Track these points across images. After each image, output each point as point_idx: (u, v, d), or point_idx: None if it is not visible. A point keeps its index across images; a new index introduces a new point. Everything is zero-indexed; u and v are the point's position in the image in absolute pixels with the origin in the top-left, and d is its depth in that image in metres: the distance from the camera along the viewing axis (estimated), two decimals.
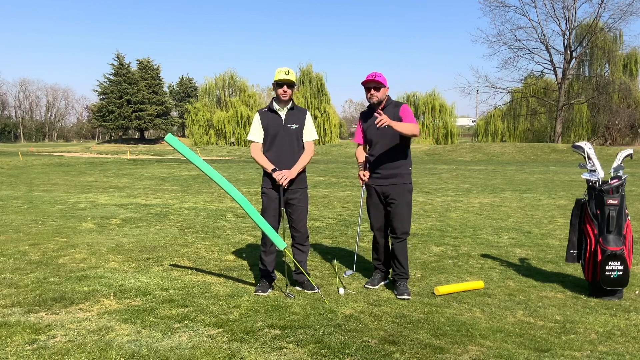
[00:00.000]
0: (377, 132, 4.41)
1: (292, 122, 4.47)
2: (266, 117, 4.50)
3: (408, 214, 4.51)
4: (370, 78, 4.38)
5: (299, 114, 4.55)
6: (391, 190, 4.47)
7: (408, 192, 4.51)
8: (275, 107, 4.48)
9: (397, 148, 4.45)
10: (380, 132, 4.37)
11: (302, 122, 4.53)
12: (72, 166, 23.62)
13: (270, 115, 4.50)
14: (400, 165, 4.47)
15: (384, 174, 4.48)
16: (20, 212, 9.22)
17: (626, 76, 46.59)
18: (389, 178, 4.46)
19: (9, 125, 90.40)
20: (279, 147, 4.46)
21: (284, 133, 4.45)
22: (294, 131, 4.48)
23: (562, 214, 9.14)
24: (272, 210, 4.51)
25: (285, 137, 4.44)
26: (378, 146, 4.49)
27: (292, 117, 4.50)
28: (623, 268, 4.25)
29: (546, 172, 20.24)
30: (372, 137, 4.53)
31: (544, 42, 45.96)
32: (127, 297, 4.29)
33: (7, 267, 5.24)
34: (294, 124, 4.48)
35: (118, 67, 63.24)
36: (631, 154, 4.64)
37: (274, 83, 4.45)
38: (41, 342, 3.32)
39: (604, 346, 3.34)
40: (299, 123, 4.51)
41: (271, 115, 4.49)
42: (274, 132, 4.45)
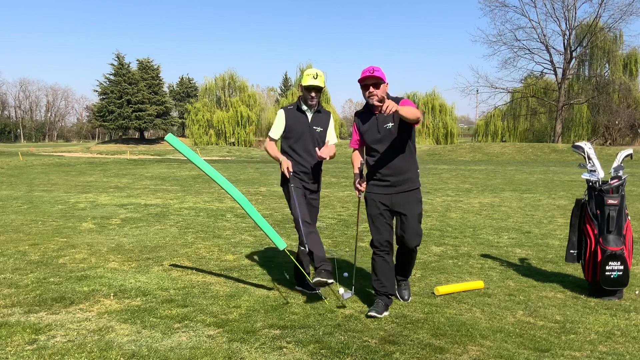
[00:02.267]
0: (378, 134, 3.88)
1: (317, 125, 4.40)
2: (292, 115, 4.40)
3: (420, 225, 4.03)
4: (368, 74, 3.80)
5: (325, 118, 4.47)
6: (401, 199, 3.90)
7: (419, 202, 3.99)
8: (303, 107, 4.39)
9: (404, 149, 3.90)
10: (382, 134, 3.86)
11: (326, 126, 4.46)
12: (72, 166, 23.62)
13: (297, 115, 4.40)
14: (408, 169, 3.93)
15: (391, 181, 3.89)
16: (20, 212, 9.22)
17: (626, 76, 46.59)
18: (397, 186, 3.89)
19: (9, 125, 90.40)
20: (303, 148, 4.37)
21: (310, 134, 4.36)
22: (318, 134, 4.40)
23: (562, 214, 9.14)
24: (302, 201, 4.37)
25: (310, 138, 4.36)
26: (381, 149, 3.90)
27: (318, 120, 4.42)
28: (623, 268, 4.25)
29: (546, 172, 20.24)
30: (372, 140, 3.95)
31: (544, 42, 45.98)
32: (127, 297, 4.29)
33: (7, 267, 5.24)
34: (320, 127, 4.41)
35: (118, 67, 63.22)
36: (631, 154, 4.64)
37: (302, 87, 4.31)
38: (41, 342, 3.32)
39: (604, 346, 3.34)
40: (324, 127, 4.44)
41: (298, 114, 4.40)
42: (300, 132, 4.36)
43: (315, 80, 4.25)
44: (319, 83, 4.27)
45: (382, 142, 3.88)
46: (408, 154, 3.92)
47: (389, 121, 3.83)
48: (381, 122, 3.87)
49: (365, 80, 3.81)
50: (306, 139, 4.36)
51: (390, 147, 3.86)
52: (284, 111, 4.43)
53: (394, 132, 3.82)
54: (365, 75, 3.79)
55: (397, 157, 3.87)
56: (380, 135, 3.87)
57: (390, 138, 3.85)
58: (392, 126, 3.82)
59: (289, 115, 4.40)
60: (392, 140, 3.85)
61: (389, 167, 3.88)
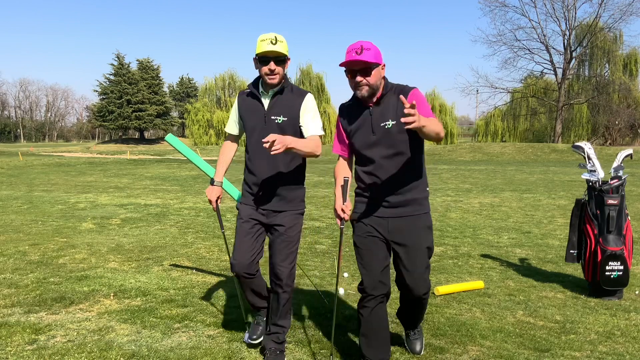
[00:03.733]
0: (372, 136, 2.75)
1: (279, 113, 2.94)
2: (245, 102, 3.07)
3: (427, 263, 2.83)
4: (354, 58, 2.61)
5: (292, 100, 2.96)
6: (403, 226, 2.78)
7: (427, 228, 2.83)
8: (258, 89, 3.01)
9: (408, 161, 2.76)
10: (379, 135, 2.74)
11: (295, 112, 2.95)
12: (72, 166, 23.62)
13: (250, 101, 3.04)
14: (413, 187, 2.78)
15: (391, 202, 2.78)
16: (20, 212, 9.22)
17: (626, 76, 46.59)
18: (398, 207, 2.77)
19: (9, 125, 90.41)
20: (255, 152, 3.01)
21: (265, 128, 2.94)
22: (279, 127, 2.92)
23: (562, 214, 9.14)
24: (246, 233, 3.04)
25: (265, 134, 2.87)
26: (377, 156, 2.76)
27: (281, 105, 2.95)
28: (623, 268, 4.25)
29: (546, 172, 20.24)
30: (364, 144, 2.79)
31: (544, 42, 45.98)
32: (127, 297, 4.29)
33: (7, 267, 5.23)
34: (282, 116, 2.93)
35: (118, 67, 63.25)
36: (631, 154, 4.64)
37: (256, 58, 2.93)
38: (41, 342, 3.32)
39: (604, 346, 3.34)
40: (291, 114, 2.95)
41: (250, 100, 3.04)
42: (251, 126, 3.01)
43: (274, 46, 2.83)
44: (280, 49, 2.85)
45: (378, 146, 2.73)
46: (414, 163, 2.76)
47: (389, 117, 2.70)
48: (377, 118, 2.72)
49: (350, 65, 2.65)
50: (259, 136, 2.95)
51: (389, 154, 2.72)
52: (238, 97, 3.14)
53: (395, 132, 2.69)
54: (350, 60, 2.61)
55: (399, 168, 2.73)
56: (375, 137, 2.73)
57: (390, 141, 2.71)
58: (392, 124, 2.68)
59: (242, 102, 3.09)
60: (393, 145, 2.71)
61: (388, 183, 2.75)
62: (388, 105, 2.73)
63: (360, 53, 2.59)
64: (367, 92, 2.68)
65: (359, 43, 2.62)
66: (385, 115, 2.72)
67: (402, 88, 2.75)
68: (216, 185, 3.15)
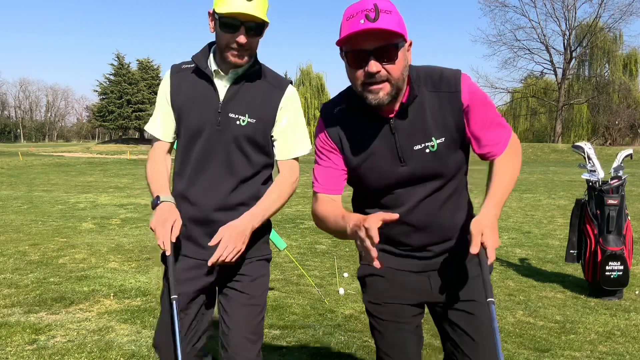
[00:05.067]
0: (399, 168, 1.64)
1: (241, 109, 1.84)
2: (183, 82, 1.91)
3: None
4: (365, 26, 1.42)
5: (265, 91, 1.88)
6: (455, 277, 1.74)
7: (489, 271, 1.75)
8: (208, 65, 1.87)
9: (457, 188, 1.77)
10: (412, 164, 1.64)
11: (268, 112, 1.87)
12: (72, 166, 23.63)
13: (193, 82, 1.89)
14: (465, 221, 1.76)
15: (434, 251, 1.73)
16: (20, 212, 9.22)
17: (626, 76, 46.61)
18: (444, 254, 1.74)
19: (9, 125, 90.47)
20: (196, 168, 1.87)
21: (216, 134, 1.84)
22: (241, 130, 1.83)
23: (562, 214, 9.13)
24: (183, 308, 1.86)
25: (219, 141, 1.84)
26: (411, 200, 1.68)
27: (245, 97, 1.86)
28: (623, 268, 4.25)
29: (546, 172, 20.25)
30: (384, 183, 1.68)
31: (544, 42, 46.02)
32: (127, 297, 4.29)
33: (7, 267, 5.23)
34: (246, 115, 1.84)
35: (118, 67, 63.26)
36: (631, 154, 4.64)
37: (217, 17, 1.76)
38: (41, 342, 3.32)
39: (604, 346, 3.34)
40: (261, 113, 1.86)
41: (196, 80, 1.88)
42: (193, 126, 1.86)
43: (249, 3, 1.73)
44: (257, 10, 1.74)
45: (412, 181, 1.66)
46: (463, 189, 1.80)
47: (429, 132, 1.61)
48: (407, 137, 1.62)
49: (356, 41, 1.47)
50: (208, 143, 1.85)
51: (431, 190, 1.68)
52: (170, 75, 1.94)
53: (442, 155, 1.64)
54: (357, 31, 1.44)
55: (444, 203, 1.71)
56: (407, 168, 1.64)
57: (433, 170, 1.65)
58: (438, 144, 1.62)
59: (177, 82, 1.92)
60: (437, 174, 1.67)
61: (428, 228, 1.71)
62: (423, 112, 1.57)
63: (375, 18, 1.40)
64: (387, 95, 1.49)
65: (369, 1, 1.43)
66: (422, 130, 1.58)
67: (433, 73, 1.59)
68: (168, 202, 1.79)
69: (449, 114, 1.58)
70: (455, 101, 1.57)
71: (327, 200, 1.68)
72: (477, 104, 1.59)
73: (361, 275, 1.82)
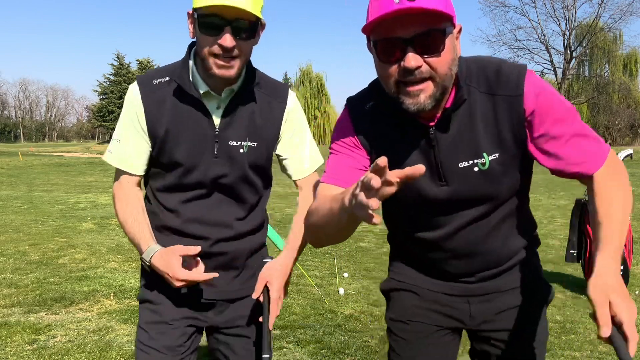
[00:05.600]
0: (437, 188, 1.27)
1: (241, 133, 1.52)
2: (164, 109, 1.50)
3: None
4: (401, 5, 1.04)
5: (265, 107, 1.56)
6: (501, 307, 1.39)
7: (544, 304, 1.42)
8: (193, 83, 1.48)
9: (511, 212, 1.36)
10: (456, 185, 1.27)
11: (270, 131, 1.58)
12: (72, 166, 23.64)
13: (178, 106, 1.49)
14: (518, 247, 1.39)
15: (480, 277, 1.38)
16: (20, 212, 9.22)
17: (626, 76, 46.65)
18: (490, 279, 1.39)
19: (9, 125, 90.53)
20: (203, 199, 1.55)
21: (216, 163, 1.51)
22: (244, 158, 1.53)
23: (562, 214, 9.13)
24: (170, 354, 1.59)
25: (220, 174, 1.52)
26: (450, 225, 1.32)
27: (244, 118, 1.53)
28: (623, 268, 4.26)
29: (546, 172, 20.13)
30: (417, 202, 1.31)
31: (544, 42, 46.03)
32: (127, 297, 4.29)
33: (7, 267, 5.24)
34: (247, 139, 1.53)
35: (118, 67, 63.33)
36: (631, 154, 4.65)
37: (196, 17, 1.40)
38: (41, 342, 3.32)
39: (604, 346, 3.34)
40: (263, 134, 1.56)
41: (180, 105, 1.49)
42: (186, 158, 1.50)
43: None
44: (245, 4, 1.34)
45: (452, 202, 1.30)
46: (520, 215, 1.40)
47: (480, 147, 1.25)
48: (450, 151, 1.26)
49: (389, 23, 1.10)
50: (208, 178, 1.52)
51: (476, 216, 1.32)
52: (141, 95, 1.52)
53: (495, 174, 1.27)
54: (391, 11, 1.06)
55: (493, 230, 1.34)
56: (448, 188, 1.28)
57: (480, 191, 1.29)
58: (491, 161, 1.25)
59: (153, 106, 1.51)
60: (485, 196, 1.30)
61: (473, 255, 1.36)
62: (472, 120, 1.23)
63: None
64: (430, 98, 1.15)
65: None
66: (470, 144, 1.24)
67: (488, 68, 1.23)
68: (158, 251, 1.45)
69: (506, 123, 1.21)
70: (515, 107, 1.19)
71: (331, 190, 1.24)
72: (548, 110, 1.18)
73: (386, 288, 1.51)
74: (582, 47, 46.14)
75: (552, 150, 1.22)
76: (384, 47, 1.13)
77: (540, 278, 1.44)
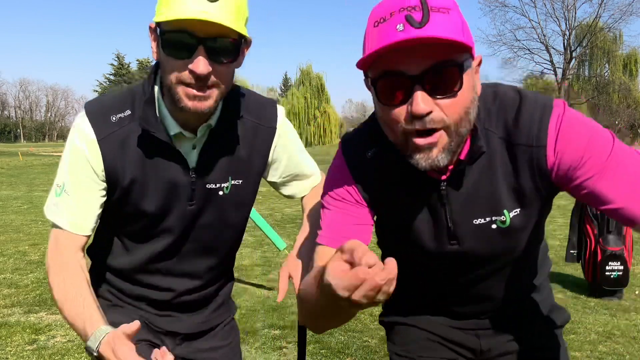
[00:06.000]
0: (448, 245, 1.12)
1: (222, 174, 1.27)
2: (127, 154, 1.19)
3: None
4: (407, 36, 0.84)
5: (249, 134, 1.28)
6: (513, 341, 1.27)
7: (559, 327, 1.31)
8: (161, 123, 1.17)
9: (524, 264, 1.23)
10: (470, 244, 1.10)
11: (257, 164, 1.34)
12: None
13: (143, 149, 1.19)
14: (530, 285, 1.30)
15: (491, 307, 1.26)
16: (20, 212, 9.23)
17: (626, 76, 46.67)
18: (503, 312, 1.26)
19: (9, 125, 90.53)
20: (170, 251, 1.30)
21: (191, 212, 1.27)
22: (225, 200, 1.29)
23: (562, 214, 9.13)
24: None
25: (195, 222, 1.28)
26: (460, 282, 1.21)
27: (223, 153, 1.25)
28: (623, 268, 4.26)
29: None
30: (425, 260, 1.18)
31: (544, 42, 46.05)
32: None
33: (7, 267, 5.24)
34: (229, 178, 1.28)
35: (118, 67, 63.38)
36: None
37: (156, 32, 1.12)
38: (41, 342, 3.32)
39: (604, 346, 3.34)
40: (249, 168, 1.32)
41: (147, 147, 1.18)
42: (158, 209, 1.24)
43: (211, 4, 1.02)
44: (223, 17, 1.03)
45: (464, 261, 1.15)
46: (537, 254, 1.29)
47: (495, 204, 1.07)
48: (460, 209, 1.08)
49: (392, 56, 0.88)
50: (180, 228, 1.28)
51: (489, 271, 1.18)
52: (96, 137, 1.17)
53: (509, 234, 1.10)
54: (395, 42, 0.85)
55: (508, 279, 1.21)
56: (459, 247, 1.12)
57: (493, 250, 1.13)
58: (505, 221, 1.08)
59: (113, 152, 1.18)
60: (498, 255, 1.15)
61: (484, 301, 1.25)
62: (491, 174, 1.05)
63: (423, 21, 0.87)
64: (444, 153, 0.96)
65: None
66: (489, 200, 1.07)
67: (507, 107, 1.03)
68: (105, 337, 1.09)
69: (528, 177, 1.03)
70: (538, 159, 1.00)
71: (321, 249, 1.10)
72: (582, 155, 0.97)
73: (388, 321, 1.36)
74: (582, 47, 46.17)
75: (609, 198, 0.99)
76: (385, 85, 0.92)
77: (553, 302, 1.34)
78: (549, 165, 1.00)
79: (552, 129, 0.98)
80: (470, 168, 1.03)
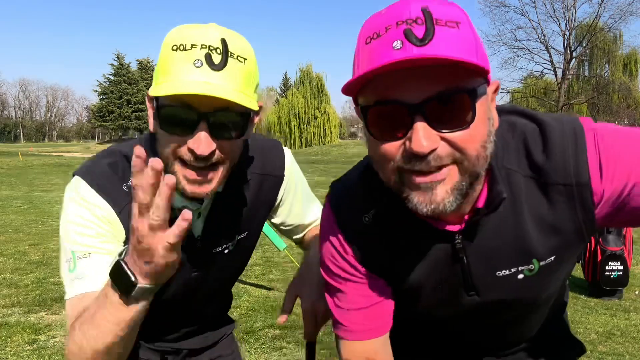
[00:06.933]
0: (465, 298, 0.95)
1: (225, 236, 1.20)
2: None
3: None
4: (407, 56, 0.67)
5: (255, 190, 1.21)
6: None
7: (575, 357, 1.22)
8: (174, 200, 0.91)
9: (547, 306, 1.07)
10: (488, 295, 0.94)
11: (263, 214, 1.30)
12: (72, 166, 23.64)
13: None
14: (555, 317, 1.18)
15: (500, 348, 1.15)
16: (20, 212, 9.22)
17: (626, 76, 46.71)
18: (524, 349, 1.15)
19: (9, 125, 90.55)
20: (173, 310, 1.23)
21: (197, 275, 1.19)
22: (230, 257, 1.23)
23: None
24: None
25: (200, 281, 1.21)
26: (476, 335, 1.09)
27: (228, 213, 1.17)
28: (623, 268, 4.26)
29: None
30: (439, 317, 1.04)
31: (544, 42, 46.05)
32: None
33: (7, 267, 5.23)
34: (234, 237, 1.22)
35: (118, 67, 63.38)
36: None
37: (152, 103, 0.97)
38: (41, 342, 3.32)
39: (604, 346, 3.34)
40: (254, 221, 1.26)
41: None
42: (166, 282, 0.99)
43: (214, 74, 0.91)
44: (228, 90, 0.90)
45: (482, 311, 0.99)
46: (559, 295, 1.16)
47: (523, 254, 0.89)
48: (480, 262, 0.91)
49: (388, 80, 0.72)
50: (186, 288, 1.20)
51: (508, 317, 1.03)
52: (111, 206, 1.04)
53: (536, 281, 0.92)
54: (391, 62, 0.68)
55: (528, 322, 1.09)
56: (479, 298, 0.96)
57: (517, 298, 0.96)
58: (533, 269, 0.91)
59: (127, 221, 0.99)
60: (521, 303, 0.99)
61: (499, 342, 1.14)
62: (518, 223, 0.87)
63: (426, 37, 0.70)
64: (453, 196, 0.77)
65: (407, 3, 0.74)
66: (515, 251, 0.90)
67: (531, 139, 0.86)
68: None
69: (568, 219, 0.85)
70: (581, 197, 0.83)
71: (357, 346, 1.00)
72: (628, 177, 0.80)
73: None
74: (582, 47, 46.17)
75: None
76: (378, 115, 0.75)
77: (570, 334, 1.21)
78: (596, 200, 0.83)
79: (592, 160, 0.81)
80: (490, 219, 0.85)
